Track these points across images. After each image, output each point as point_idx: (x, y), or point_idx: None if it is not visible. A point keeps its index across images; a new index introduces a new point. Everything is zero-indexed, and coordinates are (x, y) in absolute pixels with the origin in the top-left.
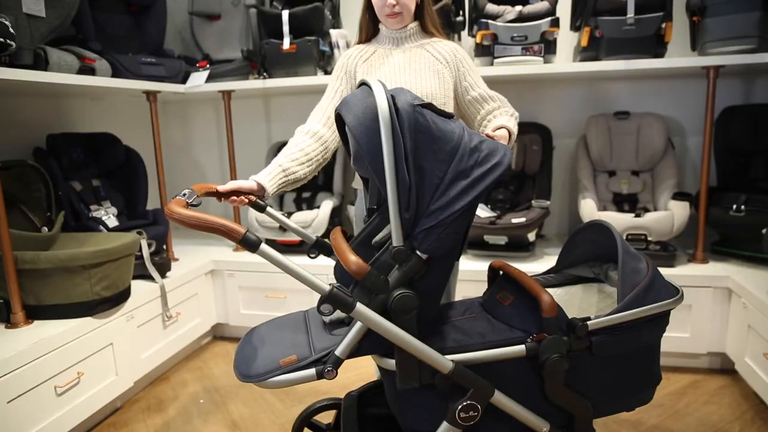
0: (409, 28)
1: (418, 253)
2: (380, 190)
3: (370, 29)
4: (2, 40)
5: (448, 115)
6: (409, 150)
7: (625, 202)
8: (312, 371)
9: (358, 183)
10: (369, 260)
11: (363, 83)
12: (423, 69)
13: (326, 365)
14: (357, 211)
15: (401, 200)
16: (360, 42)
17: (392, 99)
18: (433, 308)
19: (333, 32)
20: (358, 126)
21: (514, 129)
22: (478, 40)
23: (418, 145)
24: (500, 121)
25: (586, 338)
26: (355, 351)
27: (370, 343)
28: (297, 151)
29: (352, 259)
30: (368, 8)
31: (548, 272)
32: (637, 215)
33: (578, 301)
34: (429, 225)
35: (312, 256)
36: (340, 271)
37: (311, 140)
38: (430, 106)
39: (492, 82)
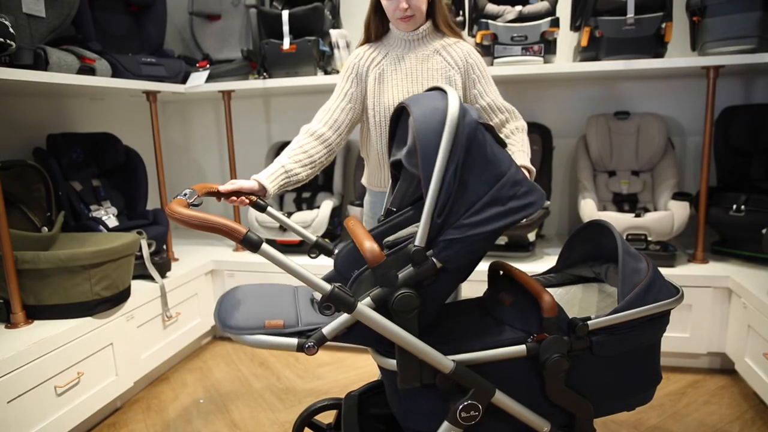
0: (422, 30)
1: (434, 259)
2: (406, 193)
3: (379, 30)
4: (2, 40)
5: (502, 143)
6: (461, 161)
7: (625, 202)
8: (294, 341)
9: (370, 182)
10: None
11: (436, 88)
12: (435, 77)
13: (309, 340)
14: (366, 208)
15: (438, 204)
16: (366, 39)
17: (463, 110)
18: (434, 312)
19: (333, 32)
20: (423, 122)
21: (529, 155)
22: (478, 40)
23: (470, 161)
24: (519, 160)
25: (586, 338)
26: (342, 336)
27: (359, 333)
28: (300, 153)
29: (369, 245)
30: (376, 8)
31: (548, 272)
32: (637, 215)
33: (578, 301)
34: (453, 237)
35: (312, 256)
36: (343, 260)
37: (315, 142)
38: (490, 129)
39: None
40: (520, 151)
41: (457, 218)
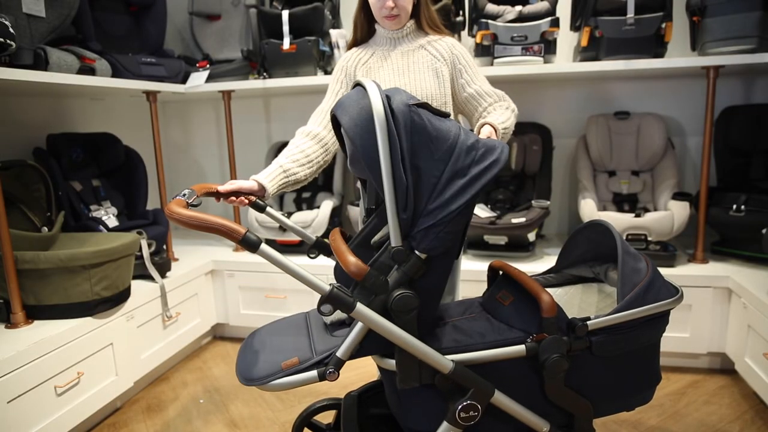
0: (406, 28)
1: (417, 252)
2: (378, 190)
3: (365, 29)
4: (2, 40)
5: (443, 114)
6: (406, 150)
7: (625, 202)
8: (314, 373)
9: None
10: (369, 261)
11: (357, 84)
12: (422, 70)
13: (328, 367)
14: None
15: (399, 200)
16: (354, 40)
17: (387, 99)
18: (434, 307)
19: (333, 32)
20: (354, 127)
21: (503, 124)
22: (478, 40)
23: (415, 145)
24: (487, 118)
25: (586, 338)
26: (356, 352)
27: (371, 344)
28: (297, 152)
29: (351, 260)
30: (363, 7)
31: (548, 272)
32: (637, 215)
33: (578, 301)
34: (427, 224)
35: (312, 256)
36: (340, 272)
37: (311, 142)
38: (425, 106)
39: (492, 83)
40: (497, 108)
41: (424, 205)
